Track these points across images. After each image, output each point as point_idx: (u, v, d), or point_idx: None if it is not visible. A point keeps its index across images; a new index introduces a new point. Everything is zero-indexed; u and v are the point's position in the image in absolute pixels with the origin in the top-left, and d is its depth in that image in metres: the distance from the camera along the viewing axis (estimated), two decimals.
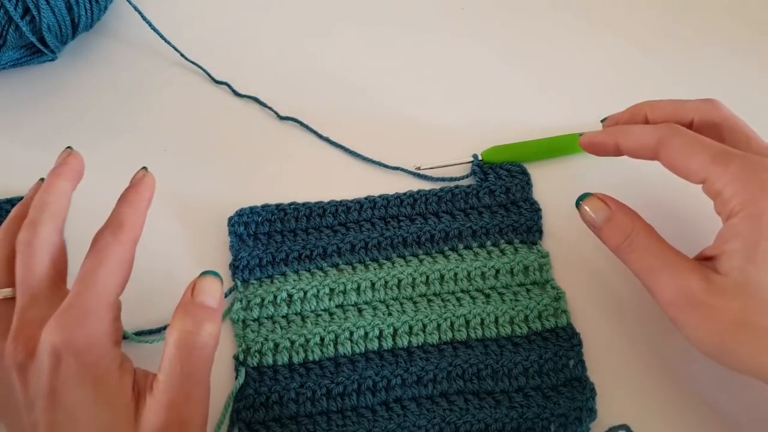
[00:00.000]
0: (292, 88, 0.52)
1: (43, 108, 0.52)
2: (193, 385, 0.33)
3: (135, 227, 0.36)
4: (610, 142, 0.38)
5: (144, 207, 0.37)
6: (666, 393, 0.38)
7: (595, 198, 0.37)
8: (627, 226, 0.35)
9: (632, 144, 0.37)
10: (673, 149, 0.35)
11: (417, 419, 0.37)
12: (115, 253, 0.34)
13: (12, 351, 0.32)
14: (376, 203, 0.45)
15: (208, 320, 0.33)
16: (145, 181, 0.38)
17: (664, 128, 0.35)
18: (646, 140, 0.36)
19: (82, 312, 0.32)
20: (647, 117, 0.39)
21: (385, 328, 0.40)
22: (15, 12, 0.46)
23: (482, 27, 0.56)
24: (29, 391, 0.32)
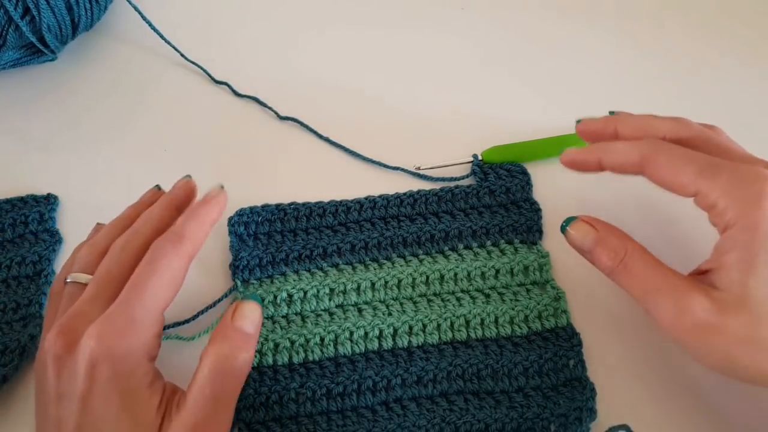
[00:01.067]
0: (292, 88, 0.52)
1: (43, 108, 0.52)
2: (221, 408, 0.33)
3: (196, 243, 0.36)
4: (592, 160, 0.38)
5: (209, 224, 0.37)
6: (666, 393, 0.38)
7: (581, 222, 0.36)
8: (620, 249, 0.34)
9: (615, 161, 0.36)
10: (658, 165, 0.34)
11: (417, 419, 0.37)
12: (170, 266, 0.34)
13: (53, 342, 0.32)
14: (376, 203, 0.45)
15: (245, 348, 0.35)
16: (218, 199, 0.38)
17: (647, 144, 0.35)
18: (629, 157, 0.35)
19: (125, 320, 0.32)
20: (617, 131, 0.38)
21: (385, 328, 0.40)
22: (15, 12, 0.46)
23: (482, 27, 0.56)
24: (61, 386, 0.32)
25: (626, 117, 0.39)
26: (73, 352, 0.32)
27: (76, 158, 0.49)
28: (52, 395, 0.32)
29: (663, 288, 0.32)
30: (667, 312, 0.32)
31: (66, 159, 0.49)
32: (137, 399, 0.32)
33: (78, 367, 0.31)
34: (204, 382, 0.33)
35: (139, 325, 0.33)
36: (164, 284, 0.34)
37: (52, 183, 0.47)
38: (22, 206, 0.45)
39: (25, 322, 0.41)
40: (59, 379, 0.32)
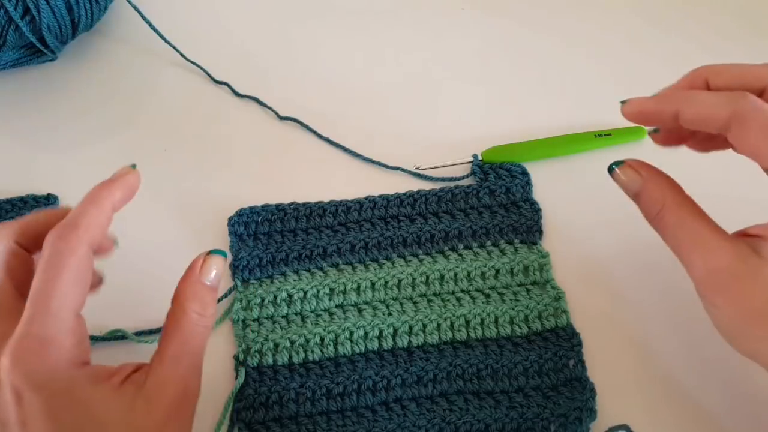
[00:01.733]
0: (292, 88, 0.52)
1: (43, 108, 0.52)
2: (192, 366, 0.32)
3: (92, 229, 0.31)
4: (668, 110, 0.32)
5: (108, 207, 0.32)
6: (666, 393, 0.38)
7: (627, 166, 0.34)
8: (657, 201, 0.32)
9: (698, 114, 0.31)
10: (751, 127, 0.29)
11: (417, 419, 0.37)
12: (68, 265, 0.30)
13: None
14: (376, 203, 0.45)
15: (212, 303, 0.33)
16: (125, 179, 0.34)
17: (741, 99, 0.30)
18: (717, 111, 0.30)
19: (37, 342, 0.29)
20: (709, 85, 0.33)
21: (385, 328, 0.40)
22: (15, 12, 0.46)
23: (482, 27, 0.56)
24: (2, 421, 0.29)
25: (719, 67, 0.33)
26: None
27: (76, 158, 0.49)
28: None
29: (696, 244, 0.31)
30: (697, 268, 0.31)
31: (66, 159, 0.49)
32: (91, 409, 0.29)
33: (6, 400, 0.28)
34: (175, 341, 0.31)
35: (52, 341, 0.29)
36: (68, 288, 0.30)
37: (52, 183, 0.47)
38: (22, 206, 0.45)
39: None
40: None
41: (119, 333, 0.40)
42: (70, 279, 0.30)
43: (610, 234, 0.43)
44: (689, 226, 0.32)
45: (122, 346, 0.41)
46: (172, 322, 0.32)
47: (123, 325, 0.41)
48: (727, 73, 0.32)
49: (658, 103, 0.33)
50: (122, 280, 0.43)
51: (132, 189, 0.34)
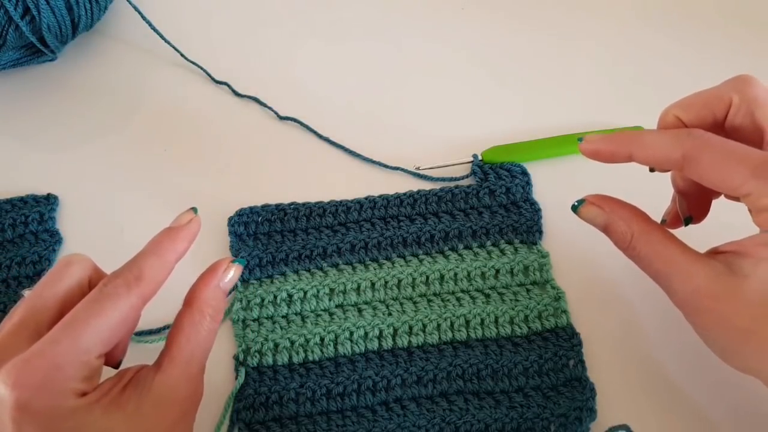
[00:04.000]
0: (292, 88, 0.52)
1: (44, 108, 0.52)
2: (199, 369, 0.32)
3: (155, 284, 0.31)
4: (622, 153, 0.33)
5: (173, 261, 0.32)
6: (666, 393, 0.38)
7: (588, 204, 0.35)
8: (626, 233, 0.33)
9: (650, 157, 0.32)
10: (703, 164, 0.30)
11: (417, 419, 0.37)
12: (119, 308, 0.29)
13: None
14: (376, 203, 0.45)
15: (224, 309, 0.33)
16: (188, 229, 0.34)
17: (689, 139, 0.31)
18: (668, 153, 0.31)
19: (47, 366, 0.27)
20: (683, 121, 0.34)
21: (385, 328, 0.40)
22: (15, 12, 0.46)
23: (482, 27, 0.56)
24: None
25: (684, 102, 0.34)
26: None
27: (76, 158, 0.49)
28: None
29: (671, 269, 0.31)
30: (677, 292, 0.32)
31: (66, 159, 0.49)
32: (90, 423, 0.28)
33: (3, 419, 0.27)
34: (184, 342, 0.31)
35: (62, 371, 0.28)
36: (108, 328, 0.29)
37: (52, 183, 0.47)
38: (22, 206, 0.45)
39: None
40: None
41: None
42: (111, 322, 0.29)
43: None
44: (661, 252, 0.32)
45: None
46: (188, 324, 0.31)
47: None
48: (692, 105, 0.33)
49: (612, 144, 0.33)
50: None
51: (193, 238, 0.34)
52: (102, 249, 0.44)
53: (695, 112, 0.34)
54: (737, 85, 0.32)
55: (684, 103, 0.34)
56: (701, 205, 0.37)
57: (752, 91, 0.31)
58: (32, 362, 0.27)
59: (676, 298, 0.32)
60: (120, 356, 0.34)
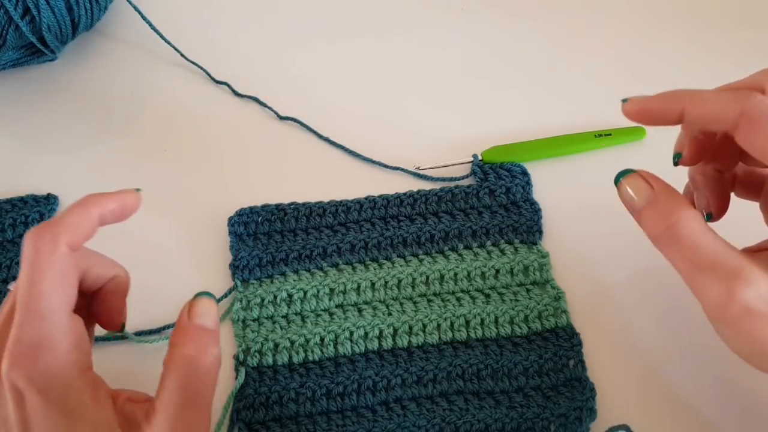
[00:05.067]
0: (292, 88, 0.52)
1: (44, 108, 0.52)
2: (196, 412, 0.30)
3: (71, 229, 0.30)
4: (673, 109, 0.30)
5: (95, 213, 0.31)
6: (666, 393, 0.38)
7: (638, 176, 0.31)
8: (670, 213, 0.29)
9: (704, 113, 0.29)
10: (761, 127, 0.27)
11: (417, 419, 0.37)
12: (50, 264, 0.29)
13: None
14: (376, 203, 0.45)
15: (210, 343, 0.30)
16: (121, 194, 0.33)
17: (750, 98, 0.28)
18: (724, 109, 0.28)
19: (30, 344, 0.28)
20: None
21: (385, 328, 0.40)
22: (15, 12, 0.46)
23: (482, 27, 0.56)
24: (1, 415, 0.29)
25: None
26: (1, 383, 0.28)
27: (76, 158, 0.49)
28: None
29: (710, 265, 0.28)
30: (714, 294, 0.28)
31: (66, 159, 0.49)
32: (84, 417, 0.28)
33: (7, 401, 0.28)
34: (173, 388, 0.29)
35: (47, 343, 0.28)
36: (53, 285, 0.29)
37: (52, 183, 0.47)
38: (22, 206, 0.46)
39: None
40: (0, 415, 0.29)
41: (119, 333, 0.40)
42: (54, 278, 0.29)
43: (610, 234, 0.43)
44: (706, 244, 0.28)
45: (122, 346, 0.41)
46: (164, 369, 0.30)
47: None
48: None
49: (662, 102, 0.31)
50: None
51: (127, 207, 0.33)
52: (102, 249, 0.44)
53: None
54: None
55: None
56: (720, 201, 0.35)
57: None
58: (16, 349, 0.28)
59: (711, 299, 0.28)
60: (118, 319, 0.35)
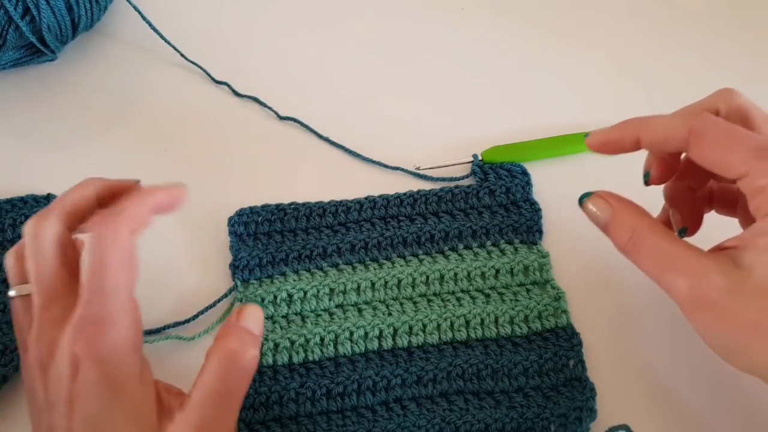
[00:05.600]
0: (292, 88, 0.52)
1: (43, 108, 0.52)
2: (228, 407, 0.32)
3: (133, 217, 0.33)
4: (629, 138, 0.34)
5: (150, 202, 0.34)
6: (666, 393, 0.38)
7: (597, 196, 0.35)
8: (629, 226, 0.33)
9: (658, 137, 0.33)
10: (707, 142, 0.31)
11: (417, 419, 0.37)
12: (116, 247, 0.31)
13: (35, 350, 0.31)
14: (376, 203, 0.45)
15: (252, 344, 0.33)
16: (171, 188, 0.35)
17: (695, 118, 0.32)
18: (675, 131, 0.32)
19: (96, 318, 0.31)
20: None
21: (385, 328, 0.40)
22: (15, 12, 0.46)
23: (482, 27, 0.56)
24: (49, 393, 0.31)
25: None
26: (54, 358, 0.31)
27: (76, 158, 0.49)
28: (42, 404, 0.31)
29: (674, 266, 0.31)
30: (680, 290, 0.31)
31: (66, 159, 0.49)
32: (130, 395, 0.31)
33: (62, 373, 0.30)
34: (212, 378, 0.31)
35: (111, 318, 0.31)
36: (119, 267, 0.31)
37: (52, 183, 0.47)
38: (22, 206, 0.45)
39: None
40: (46, 386, 0.31)
41: None
42: (119, 260, 0.31)
43: None
44: (665, 247, 0.32)
45: None
46: (204, 362, 0.32)
47: None
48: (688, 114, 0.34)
49: (619, 132, 0.35)
50: None
51: (176, 199, 0.35)
52: None
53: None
54: (723, 96, 0.34)
55: (681, 112, 0.35)
56: (694, 217, 0.38)
57: (737, 100, 0.33)
58: (81, 322, 0.30)
59: (679, 296, 0.31)
60: None
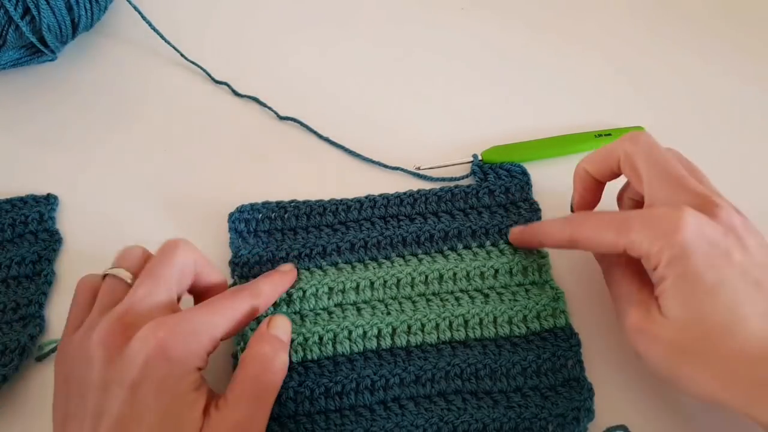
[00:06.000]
0: (292, 88, 0.52)
1: (43, 108, 0.52)
2: (260, 408, 0.34)
3: (267, 304, 0.39)
4: (535, 242, 0.41)
5: (280, 293, 0.41)
6: (664, 393, 0.38)
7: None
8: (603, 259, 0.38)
9: (552, 244, 0.40)
10: (585, 239, 0.37)
11: (415, 419, 0.37)
12: (242, 307, 0.36)
13: (108, 329, 0.32)
14: (376, 202, 0.45)
15: (282, 350, 0.37)
16: (292, 273, 0.41)
17: (569, 223, 0.38)
18: (561, 238, 0.38)
19: (190, 330, 0.33)
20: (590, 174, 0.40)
21: (383, 328, 0.40)
22: (15, 12, 0.46)
23: (482, 27, 0.56)
24: (110, 373, 0.32)
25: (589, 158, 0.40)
26: (130, 342, 0.32)
27: (76, 158, 0.49)
28: (96, 383, 0.32)
29: (623, 296, 0.36)
30: (623, 317, 0.36)
31: (66, 159, 0.49)
32: (184, 402, 0.32)
33: (134, 358, 0.31)
34: (246, 380, 0.34)
35: (199, 336, 0.33)
36: (233, 318, 0.36)
37: (52, 183, 0.47)
38: (22, 206, 0.46)
39: (25, 322, 0.41)
40: (109, 366, 0.32)
41: None
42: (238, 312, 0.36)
43: None
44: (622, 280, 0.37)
45: None
46: (240, 364, 0.35)
47: None
48: (594, 161, 0.39)
49: (526, 236, 0.42)
50: None
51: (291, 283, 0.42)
52: (102, 249, 0.45)
53: (597, 167, 0.39)
54: (624, 142, 0.37)
55: (590, 159, 0.40)
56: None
57: (632, 148, 0.37)
58: (178, 323, 0.33)
59: (623, 323, 0.36)
60: None
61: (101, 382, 0.32)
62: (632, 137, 0.37)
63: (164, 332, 0.32)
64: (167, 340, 0.32)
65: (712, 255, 0.32)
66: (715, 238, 0.33)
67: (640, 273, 0.37)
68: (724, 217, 0.33)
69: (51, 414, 0.33)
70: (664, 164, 0.35)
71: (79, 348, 0.33)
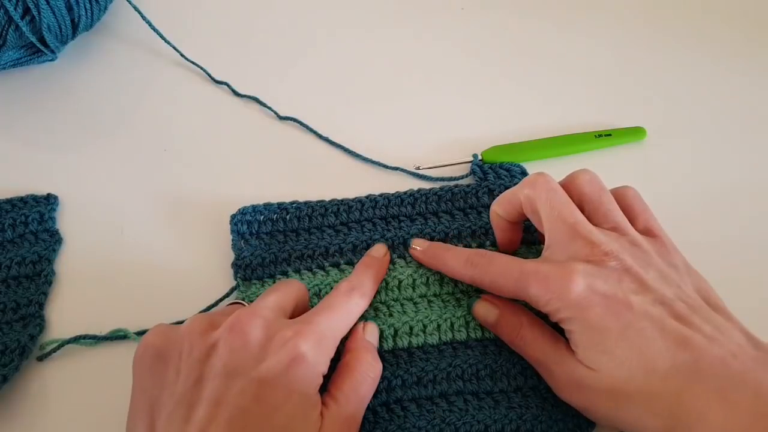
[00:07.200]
0: (292, 88, 0.52)
1: (44, 108, 0.52)
2: (362, 409, 0.36)
3: (371, 299, 0.40)
4: (435, 267, 0.41)
5: (380, 282, 0.41)
6: None
7: (483, 301, 0.39)
8: (516, 324, 0.38)
9: (455, 276, 0.40)
10: (487, 286, 0.38)
11: (417, 420, 0.37)
12: (356, 310, 0.38)
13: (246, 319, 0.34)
14: (377, 202, 0.45)
15: (377, 358, 0.38)
16: (386, 259, 0.42)
17: (471, 268, 0.38)
18: (463, 276, 0.39)
19: (321, 332, 0.35)
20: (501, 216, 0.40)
21: (385, 329, 0.40)
22: (15, 12, 0.46)
23: (482, 27, 0.56)
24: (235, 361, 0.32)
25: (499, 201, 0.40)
26: (273, 339, 0.33)
27: (76, 158, 0.49)
28: (218, 370, 0.32)
29: (549, 358, 0.36)
30: (554, 377, 0.36)
31: (66, 159, 0.49)
32: (310, 404, 0.33)
33: (279, 355, 0.32)
34: (354, 382, 0.35)
35: (327, 343, 0.35)
36: (347, 322, 0.37)
37: (52, 183, 0.47)
38: (22, 206, 0.45)
39: (25, 322, 0.41)
40: (236, 354, 0.32)
41: (121, 333, 0.40)
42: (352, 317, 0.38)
43: None
44: (542, 341, 0.37)
45: (123, 346, 0.41)
46: (345, 367, 0.36)
47: (124, 324, 0.41)
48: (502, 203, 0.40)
49: (428, 258, 0.42)
50: (123, 279, 0.43)
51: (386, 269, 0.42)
52: (102, 249, 0.45)
53: (505, 209, 0.40)
54: (523, 187, 0.38)
55: (498, 201, 0.40)
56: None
57: (532, 192, 0.37)
58: (311, 327, 0.34)
59: (554, 383, 0.36)
60: None
61: (223, 371, 0.32)
62: (531, 182, 0.38)
63: (312, 339, 0.34)
64: (308, 342, 0.33)
65: (610, 304, 0.33)
66: (607, 289, 0.33)
67: (548, 326, 0.37)
68: (614, 264, 0.34)
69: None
70: (560, 210, 0.36)
71: (200, 332, 0.34)
